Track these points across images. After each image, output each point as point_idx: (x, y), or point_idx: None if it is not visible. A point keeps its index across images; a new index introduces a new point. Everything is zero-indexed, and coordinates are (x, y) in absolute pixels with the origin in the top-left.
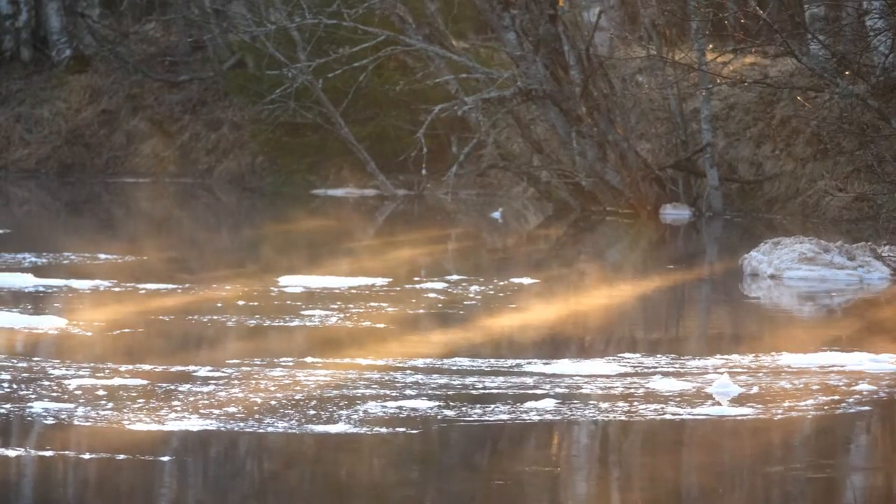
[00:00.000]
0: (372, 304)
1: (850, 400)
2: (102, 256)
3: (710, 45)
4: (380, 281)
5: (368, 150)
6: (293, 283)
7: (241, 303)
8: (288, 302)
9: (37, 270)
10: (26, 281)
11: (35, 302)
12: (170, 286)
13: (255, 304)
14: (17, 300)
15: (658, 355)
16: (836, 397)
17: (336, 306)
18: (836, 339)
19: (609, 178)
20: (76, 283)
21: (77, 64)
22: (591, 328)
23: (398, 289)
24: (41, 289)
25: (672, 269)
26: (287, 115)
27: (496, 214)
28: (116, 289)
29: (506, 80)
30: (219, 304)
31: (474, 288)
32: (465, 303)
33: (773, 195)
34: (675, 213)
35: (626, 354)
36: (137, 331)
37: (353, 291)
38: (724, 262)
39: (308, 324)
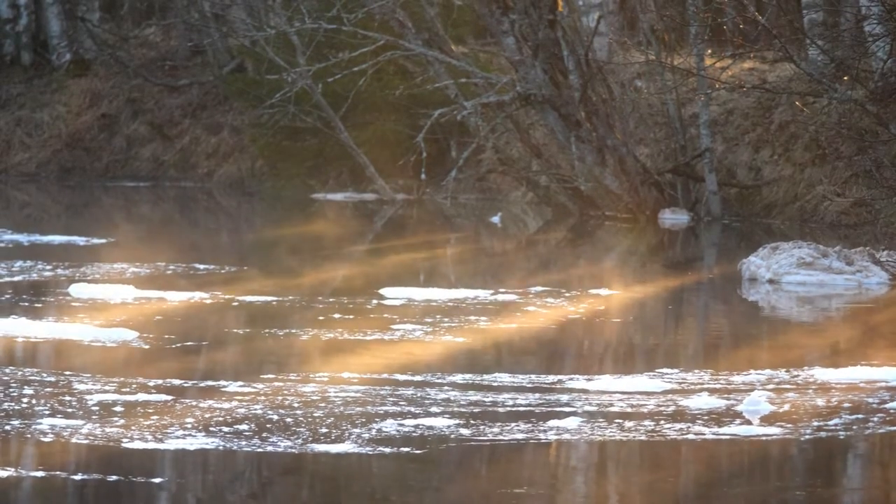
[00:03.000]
0: (471, 317)
1: (876, 419)
2: (201, 267)
3: (709, 51)
4: (482, 293)
5: (368, 154)
6: (397, 295)
7: (336, 316)
8: (385, 315)
9: (138, 282)
10: (126, 293)
11: (121, 314)
12: (269, 298)
13: (351, 317)
14: (105, 311)
15: (696, 370)
16: (862, 416)
17: (431, 320)
18: (871, 351)
19: (608, 183)
20: (172, 295)
21: (77, 68)
22: (638, 340)
23: (495, 301)
24: (130, 301)
25: (713, 277)
26: (287, 120)
27: (495, 219)
28: (209, 301)
29: (505, 85)
30: (320, 318)
31: (555, 300)
32: (570, 317)
33: (772, 200)
34: (673, 217)
35: (665, 370)
36: (201, 344)
37: (449, 304)
38: (722, 267)
39: (385, 338)
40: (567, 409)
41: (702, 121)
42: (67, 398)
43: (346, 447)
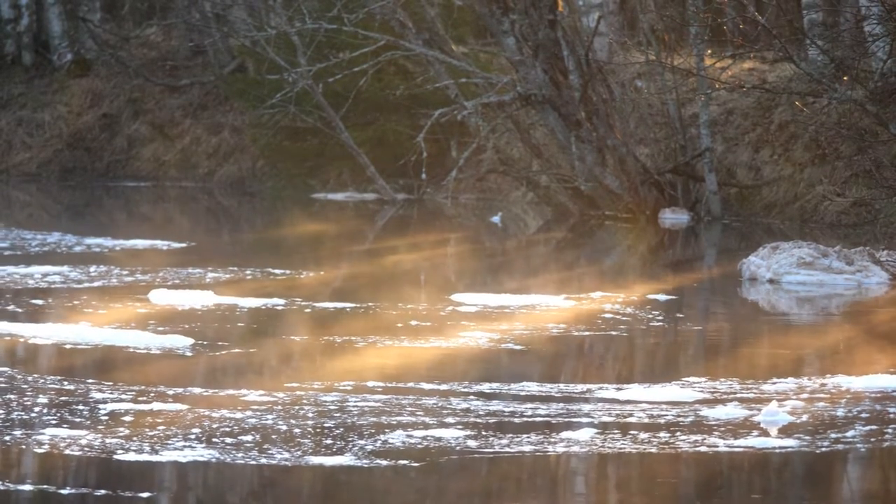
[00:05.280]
0: (548, 325)
1: (890, 430)
2: (278, 272)
3: (709, 51)
4: (553, 299)
5: (368, 154)
6: (472, 301)
7: (413, 323)
8: (463, 322)
9: (217, 287)
10: (204, 298)
11: (189, 320)
12: (345, 305)
13: (427, 324)
14: (174, 318)
15: (722, 378)
16: (876, 427)
17: (506, 327)
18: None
19: (608, 183)
20: (248, 301)
21: (78, 68)
22: (678, 346)
23: (565, 308)
24: (202, 306)
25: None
26: (287, 120)
27: (496, 219)
28: (281, 307)
29: (505, 85)
30: (398, 325)
31: (614, 306)
32: (652, 324)
33: (772, 200)
34: (673, 217)
35: (694, 378)
36: (249, 351)
37: (523, 311)
38: (722, 267)
39: (444, 345)
40: (585, 420)
41: (702, 121)
42: (80, 407)
43: (343, 460)
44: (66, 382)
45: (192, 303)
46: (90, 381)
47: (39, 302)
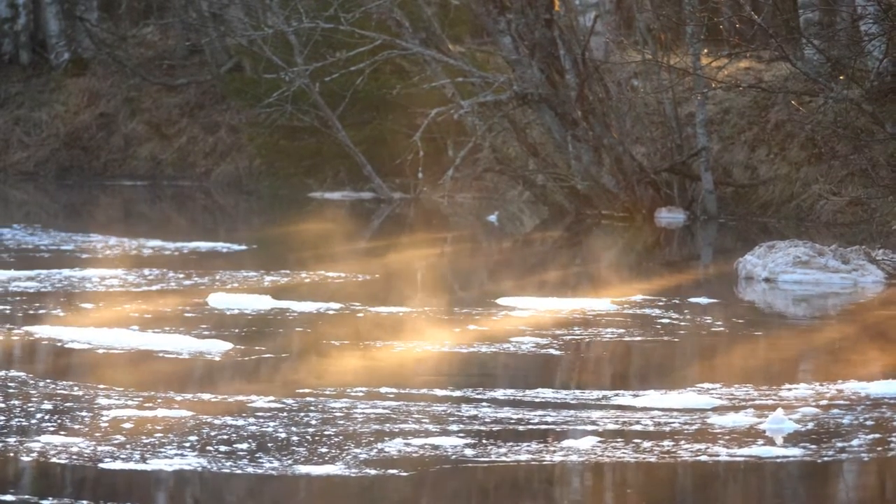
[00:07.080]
0: (606, 329)
1: (894, 439)
2: (332, 275)
3: (705, 50)
4: (599, 303)
5: (365, 153)
6: (523, 305)
7: (471, 327)
8: (520, 327)
9: (274, 290)
10: (262, 303)
11: (239, 325)
12: (399, 309)
13: (485, 328)
14: (223, 322)
15: (737, 385)
16: (881, 435)
17: (559, 332)
18: None
19: (604, 182)
20: (302, 306)
21: (75, 67)
22: (707, 351)
23: (613, 312)
24: (249, 311)
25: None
26: (284, 119)
27: (492, 218)
28: (332, 311)
29: (502, 84)
30: (456, 329)
31: (656, 311)
32: (714, 329)
33: (768, 199)
34: (669, 216)
35: (709, 384)
36: (280, 356)
37: (576, 316)
38: (718, 266)
39: (481, 350)
40: (591, 428)
41: (698, 120)
42: (83, 414)
43: (331, 469)
44: (76, 388)
45: (247, 307)
46: (101, 386)
47: (89, 305)
